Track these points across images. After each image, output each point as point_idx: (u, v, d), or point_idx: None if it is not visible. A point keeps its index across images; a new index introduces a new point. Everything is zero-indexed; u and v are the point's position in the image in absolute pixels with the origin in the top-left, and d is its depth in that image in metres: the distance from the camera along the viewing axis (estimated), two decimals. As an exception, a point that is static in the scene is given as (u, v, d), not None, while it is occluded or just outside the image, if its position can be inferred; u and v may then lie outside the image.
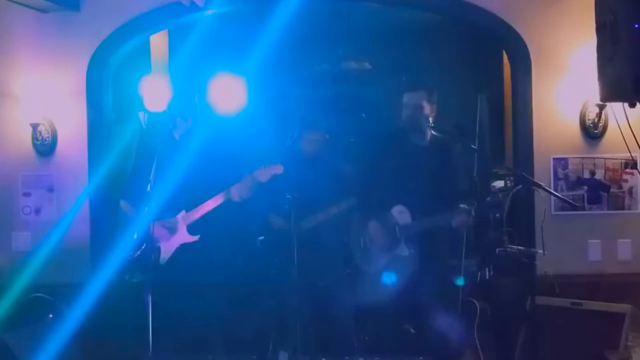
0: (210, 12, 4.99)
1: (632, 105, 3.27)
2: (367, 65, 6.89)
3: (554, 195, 4.37)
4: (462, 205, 4.05)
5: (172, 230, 4.30)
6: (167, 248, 4.31)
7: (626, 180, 4.70)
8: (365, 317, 4.73)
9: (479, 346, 4.36)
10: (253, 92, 4.80)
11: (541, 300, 4.23)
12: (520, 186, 4.65)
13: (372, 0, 5.33)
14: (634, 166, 4.60)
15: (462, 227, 4.12)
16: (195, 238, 4.30)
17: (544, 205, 4.57)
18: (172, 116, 4.33)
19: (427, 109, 4.27)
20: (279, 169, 4.23)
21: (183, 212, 4.31)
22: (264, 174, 4.23)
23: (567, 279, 4.59)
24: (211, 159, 4.38)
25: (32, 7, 4.75)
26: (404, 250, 4.21)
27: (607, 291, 4.48)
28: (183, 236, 4.31)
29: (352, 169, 4.84)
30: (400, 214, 4.21)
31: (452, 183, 4.29)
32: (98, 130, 4.92)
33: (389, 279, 4.26)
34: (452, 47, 7.25)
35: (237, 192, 4.23)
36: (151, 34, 5.59)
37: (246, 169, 4.29)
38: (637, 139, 3.65)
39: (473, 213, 4.05)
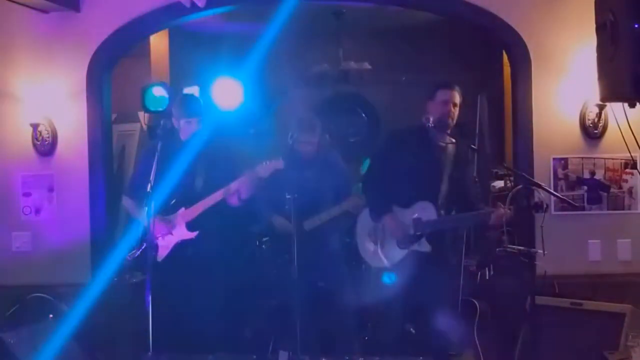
0: (210, 12, 4.99)
1: (632, 105, 3.27)
2: (367, 65, 6.89)
3: (554, 195, 4.37)
4: (499, 203, 4.00)
5: (171, 227, 4.30)
6: (165, 245, 4.31)
7: (626, 180, 4.70)
8: (368, 317, 4.72)
9: (479, 346, 4.36)
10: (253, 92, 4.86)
11: (541, 300, 4.22)
12: (520, 186, 4.65)
13: (372, 0, 5.32)
14: (634, 166, 4.59)
15: (498, 224, 4.03)
16: (193, 235, 4.30)
17: (544, 205, 4.57)
18: (178, 117, 4.34)
19: (458, 108, 4.20)
20: (279, 164, 4.24)
21: (182, 209, 4.31)
22: (265, 170, 4.23)
23: (567, 279, 4.59)
24: (213, 158, 4.39)
25: (32, 7, 4.75)
26: (425, 246, 4.10)
27: (607, 291, 4.47)
28: (181, 233, 4.31)
29: (350, 169, 4.84)
30: (423, 209, 4.12)
31: (471, 184, 4.22)
32: (98, 130, 4.92)
33: (389, 278, 4.21)
34: (452, 47, 7.26)
35: (236, 189, 4.23)
36: (151, 34, 5.59)
37: (247, 167, 4.30)
38: (637, 139, 3.65)
39: (512, 212, 3.98)
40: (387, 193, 4.21)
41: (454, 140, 4.24)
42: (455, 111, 4.18)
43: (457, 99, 4.20)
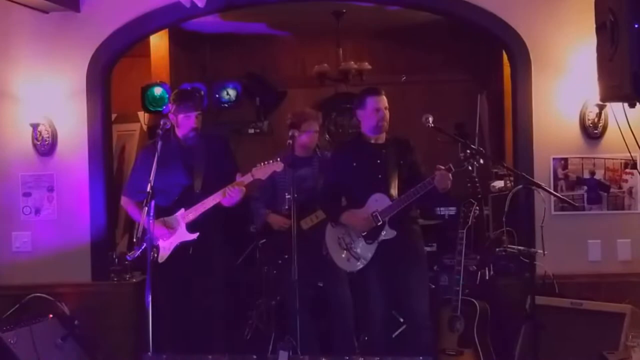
0: (210, 13, 4.99)
1: (632, 105, 3.28)
2: (367, 65, 6.89)
3: (554, 195, 4.37)
4: (438, 166, 4.08)
5: (172, 229, 4.30)
6: (166, 246, 4.31)
7: (626, 180, 4.70)
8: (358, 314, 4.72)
9: (478, 346, 4.36)
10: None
11: (541, 300, 4.23)
12: (520, 186, 4.65)
13: (372, 0, 5.32)
14: (634, 166, 4.59)
15: (446, 185, 4.07)
16: (194, 236, 4.29)
17: (544, 205, 4.57)
18: (175, 112, 4.33)
19: (387, 109, 4.36)
20: (279, 166, 4.22)
21: (182, 210, 4.30)
22: (263, 171, 4.21)
23: (567, 279, 4.59)
24: (212, 158, 4.39)
25: (32, 7, 4.75)
26: (390, 233, 4.21)
27: (607, 291, 4.48)
28: (182, 234, 4.31)
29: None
30: (377, 201, 4.23)
31: (417, 170, 4.34)
32: (98, 131, 4.92)
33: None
34: (452, 47, 7.26)
35: (233, 190, 4.22)
36: (151, 34, 5.59)
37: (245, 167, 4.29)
38: (637, 139, 3.66)
39: (453, 168, 4.05)
40: (342, 200, 4.42)
41: (387, 137, 4.40)
42: (387, 113, 4.34)
43: (386, 102, 4.36)
